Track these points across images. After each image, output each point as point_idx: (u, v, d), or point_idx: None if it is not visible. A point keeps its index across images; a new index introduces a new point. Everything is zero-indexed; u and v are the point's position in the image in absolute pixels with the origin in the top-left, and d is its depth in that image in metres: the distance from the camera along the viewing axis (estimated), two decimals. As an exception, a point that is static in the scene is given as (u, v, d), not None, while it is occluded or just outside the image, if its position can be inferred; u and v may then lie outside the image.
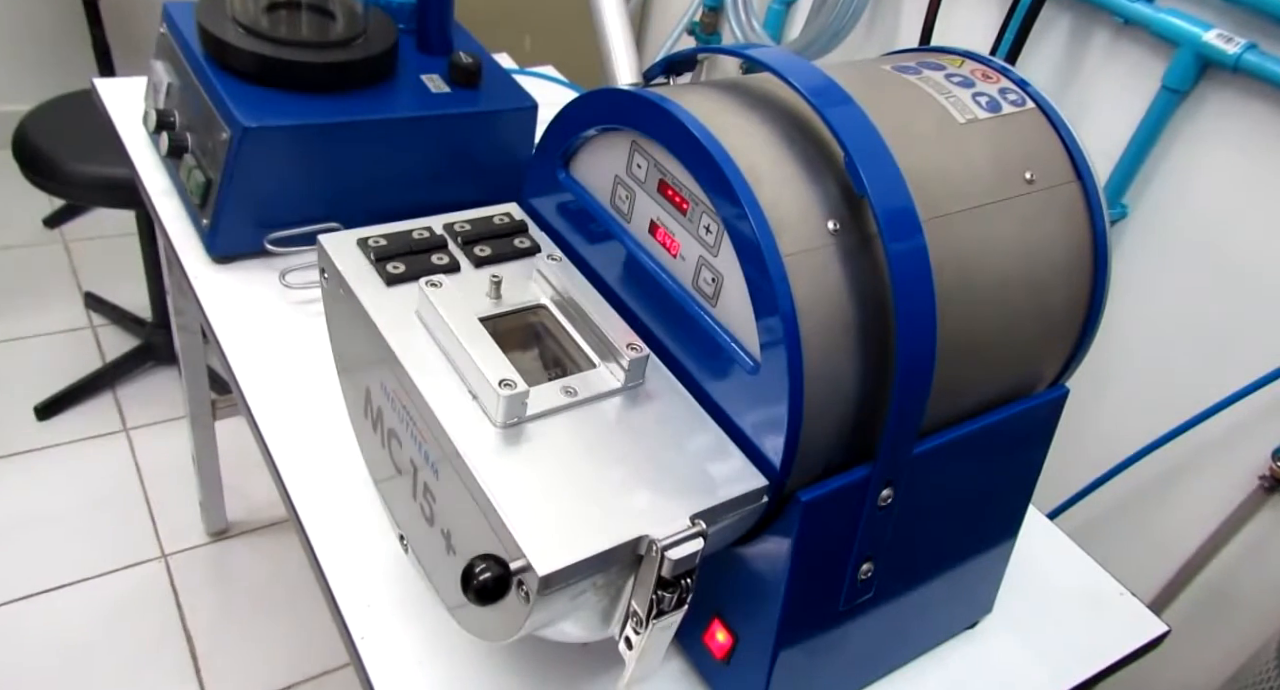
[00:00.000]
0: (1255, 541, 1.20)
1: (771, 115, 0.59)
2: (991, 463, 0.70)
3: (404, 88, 1.01)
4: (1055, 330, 0.67)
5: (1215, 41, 1.05)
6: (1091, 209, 0.66)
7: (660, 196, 0.62)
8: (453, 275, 0.67)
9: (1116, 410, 1.28)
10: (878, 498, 0.59)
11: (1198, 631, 1.25)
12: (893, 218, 0.54)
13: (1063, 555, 0.89)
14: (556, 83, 1.45)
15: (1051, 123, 0.67)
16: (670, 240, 0.62)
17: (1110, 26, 1.18)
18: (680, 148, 0.58)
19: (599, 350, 0.62)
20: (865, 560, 0.63)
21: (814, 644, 0.65)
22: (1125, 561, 1.00)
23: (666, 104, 0.58)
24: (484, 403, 0.57)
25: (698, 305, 0.61)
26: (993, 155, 0.64)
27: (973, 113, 0.65)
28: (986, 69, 0.69)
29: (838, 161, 0.57)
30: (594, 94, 0.65)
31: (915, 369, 0.54)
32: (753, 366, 0.57)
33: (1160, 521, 1.30)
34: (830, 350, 0.55)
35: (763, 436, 0.57)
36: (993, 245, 0.62)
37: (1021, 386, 0.68)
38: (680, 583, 0.54)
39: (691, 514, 0.54)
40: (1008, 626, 0.81)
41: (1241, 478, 1.18)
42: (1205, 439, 1.19)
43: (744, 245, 0.55)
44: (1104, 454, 1.26)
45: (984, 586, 0.79)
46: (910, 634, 0.75)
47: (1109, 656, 0.81)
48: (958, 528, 0.71)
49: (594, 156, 0.68)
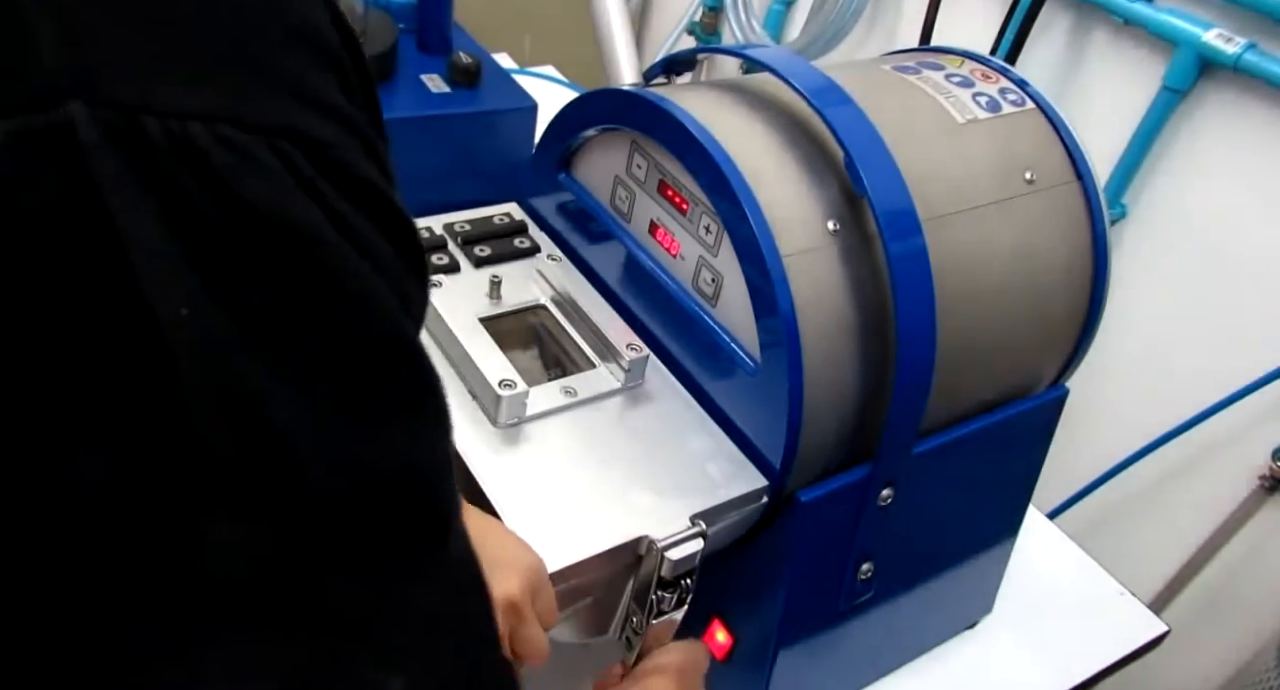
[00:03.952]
0: (1255, 541, 1.20)
1: (771, 115, 0.59)
2: (991, 463, 0.69)
3: (404, 88, 1.01)
4: (1055, 330, 0.67)
5: (1215, 41, 1.05)
6: (1091, 209, 0.66)
7: (660, 197, 0.62)
8: (453, 275, 0.67)
9: (1116, 410, 1.28)
10: (878, 498, 0.59)
11: (1198, 631, 1.25)
12: (893, 218, 0.54)
13: (1063, 555, 0.89)
14: (556, 83, 1.45)
15: (1051, 123, 0.67)
16: (670, 240, 0.62)
17: (1110, 26, 1.18)
18: (680, 148, 0.58)
19: (599, 350, 0.62)
20: (865, 560, 0.62)
21: (814, 644, 0.65)
22: (1125, 561, 1.00)
23: (666, 104, 0.58)
24: (484, 403, 0.57)
25: (698, 305, 0.61)
26: (992, 155, 0.64)
27: (972, 113, 0.65)
28: (986, 69, 0.69)
29: (838, 161, 0.57)
30: (594, 94, 0.65)
31: (915, 368, 0.54)
32: (752, 367, 0.57)
33: (1160, 521, 1.30)
34: (830, 350, 0.55)
35: (762, 436, 0.57)
36: (992, 245, 0.62)
37: (1021, 386, 0.68)
38: (680, 583, 0.54)
39: (691, 514, 0.54)
40: (1008, 626, 0.81)
41: (1241, 478, 1.18)
42: (1205, 439, 1.19)
43: (744, 245, 0.55)
44: (1104, 454, 1.26)
45: (984, 586, 0.79)
46: (910, 634, 0.75)
47: (1109, 656, 0.81)
48: (957, 528, 0.71)
49: (594, 156, 0.68)
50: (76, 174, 0.20)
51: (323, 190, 0.23)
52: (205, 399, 0.21)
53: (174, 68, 0.21)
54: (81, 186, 0.20)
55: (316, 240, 0.23)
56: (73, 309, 0.20)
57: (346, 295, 0.24)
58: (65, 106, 0.20)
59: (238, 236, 0.22)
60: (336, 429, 0.24)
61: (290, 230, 0.22)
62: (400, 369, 0.26)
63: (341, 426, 0.24)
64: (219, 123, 0.21)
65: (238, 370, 0.22)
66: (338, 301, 0.24)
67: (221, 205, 0.21)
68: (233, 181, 0.21)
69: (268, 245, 0.22)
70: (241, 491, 0.22)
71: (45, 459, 0.21)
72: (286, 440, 0.23)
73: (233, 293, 0.22)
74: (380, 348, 0.25)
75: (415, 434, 0.27)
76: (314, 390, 0.23)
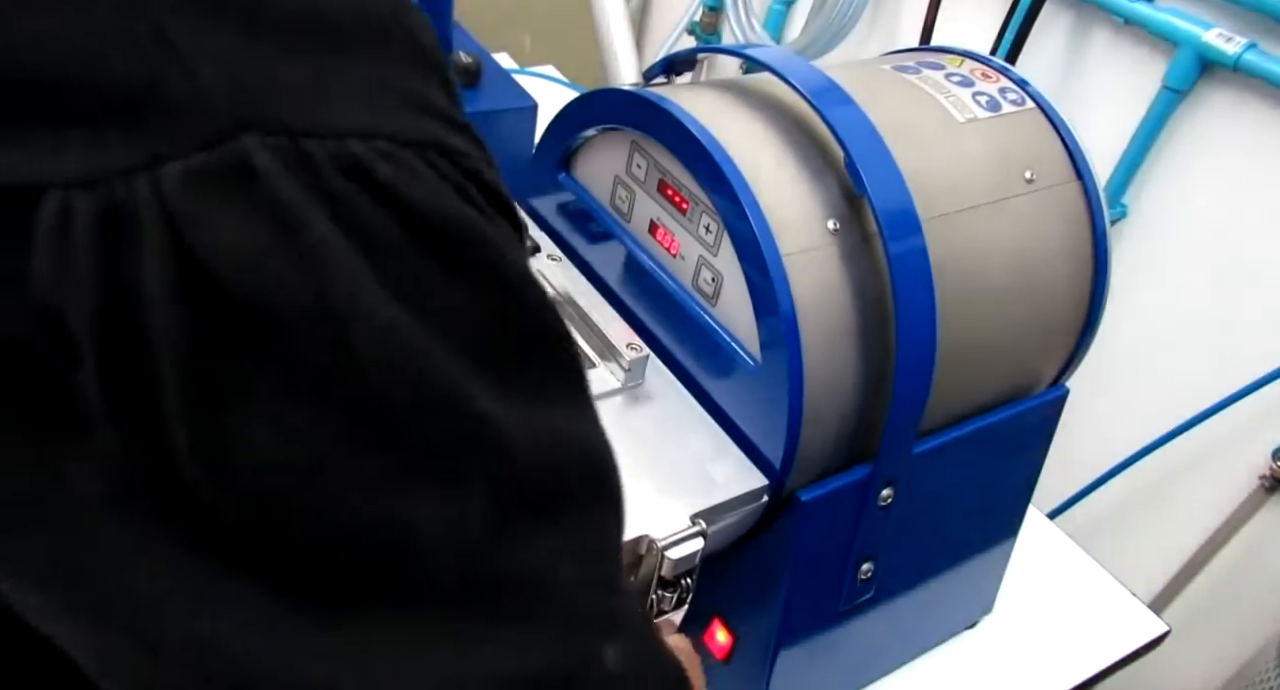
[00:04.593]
0: (1255, 541, 1.20)
1: (771, 115, 0.59)
2: (991, 463, 0.69)
3: (404, 88, 1.01)
4: (1055, 330, 0.67)
5: (1215, 41, 1.05)
6: (1091, 208, 0.66)
7: (660, 196, 0.62)
8: (453, 275, 0.66)
9: (1116, 410, 1.28)
10: (878, 498, 0.59)
11: (1198, 631, 1.25)
12: (893, 217, 0.54)
13: (1063, 555, 0.89)
14: (556, 83, 1.45)
15: (1051, 122, 0.67)
16: (670, 240, 0.62)
17: (1110, 26, 1.18)
18: (680, 148, 0.57)
19: (599, 350, 0.62)
20: (865, 560, 0.62)
21: (814, 644, 0.65)
22: (1125, 561, 1.00)
23: (666, 104, 0.58)
24: (484, 403, 0.57)
25: (698, 305, 0.61)
26: (992, 155, 0.64)
27: (972, 112, 0.65)
28: (986, 69, 0.69)
29: (838, 161, 0.57)
30: (594, 94, 0.65)
31: (915, 368, 0.54)
32: (753, 366, 0.57)
33: (1160, 521, 1.30)
34: (830, 350, 0.55)
35: (762, 436, 0.57)
36: (992, 245, 0.62)
37: (1021, 386, 0.68)
38: (680, 582, 0.54)
39: (691, 514, 0.54)
40: (1008, 626, 0.81)
41: (1241, 478, 1.18)
42: (1205, 439, 1.19)
43: (744, 245, 0.55)
44: (1104, 454, 1.26)
45: (984, 586, 0.79)
46: (910, 634, 0.75)
47: (1109, 656, 0.81)
48: (958, 528, 0.71)
49: (594, 156, 0.68)
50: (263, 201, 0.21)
51: (470, 194, 0.25)
52: (407, 396, 0.23)
53: (325, 94, 0.23)
54: (271, 212, 0.21)
55: (482, 239, 0.25)
56: (268, 325, 0.21)
57: (513, 286, 0.26)
58: (239, 141, 0.21)
59: (414, 242, 0.23)
60: (528, 409, 0.26)
61: (460, 231, 0.24)
62: (563, 349, 0.28)
63: (530, 406, 0.26)
64: (374, 139, 0.23)
65: (434, 366, 0.24)
66: (508, 292, 0.26)
67: (394, 214, 0.23)
68: (400, 191, 0.23)
69: (442, 247, 0.24)
70: (453, 475, 0.24)
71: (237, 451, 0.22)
72: (492, 423, 0.24)
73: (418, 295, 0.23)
74: (545, 331, 0.27)
75: (584, 408, 0.29)
76: (502, 375, 0.25)
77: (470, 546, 0.25)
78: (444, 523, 0.24)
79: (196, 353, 0.21)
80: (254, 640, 0.23)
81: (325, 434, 0.23)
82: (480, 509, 0.25)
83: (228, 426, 0.22)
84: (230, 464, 0.22)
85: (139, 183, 0.20)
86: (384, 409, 0.23)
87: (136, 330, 0.21)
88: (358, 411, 0.23)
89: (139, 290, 0.20)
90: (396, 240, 0.23)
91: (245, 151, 0.21)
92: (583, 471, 0.28)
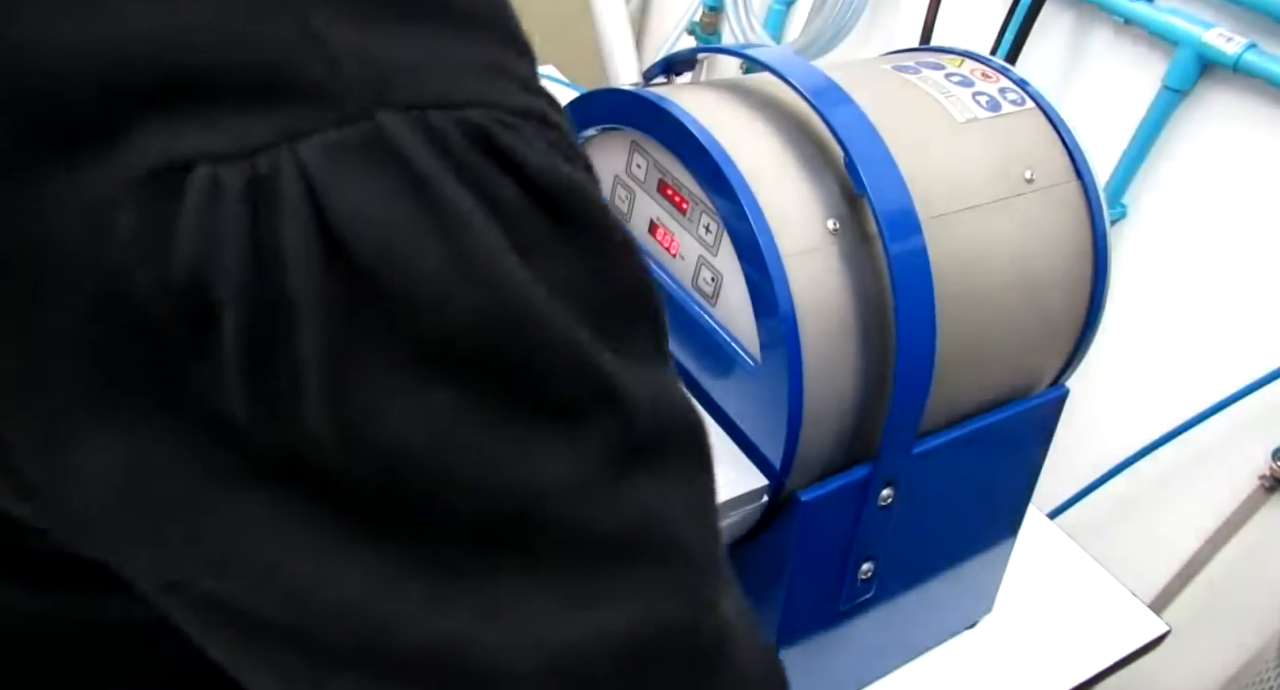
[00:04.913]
0: (1255, 541, 1.20)
1: (771, 115, 0.59)
2: (991, 462, 0.69)
3: (404, 88, 1.01)
4: (1055, 330, 0.67)
5: (1215, 41, 1.05)
6: (1091, 208, 0.66)
7: (660, 196, 0.62)
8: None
9: (1116, 410, 1.28)
10: (878, 497, 0.59)
11: (1198, 631, 1.25)
12: (892, 218, 0.54)
13: (1063, 555, 0.89)
14: (556, 82, 1.45)
15: (1051, 122, 0.67)
16: (670, 240, 0.62)
17: (1110, 26, 1.18)
18: (680, 147, 0.58)
19: (599, 350, 0.62)
20: (865, 560, 0.62)
21: (814, 644, 0.65)
22: (1125, 561, 1.00)
23: (666, 104, 0.58)
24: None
25: (697, 305, 0.61)
26: (992, 154, 0.64)
27: (972, 112, 0.65)
28: (986, 69, 0.69)
29: (838, 161, 0.57)
30: (594, 94, 0.65)
31: (915, 368, 0.54)
32: (752, 366, 0.57)
33: (1160, 521, 1.29)
34: (830, 350, 0.55)
35: (762, 436, 0.57)
36: (992, 245, 0.62)
37: (1021, 386, 0.68)
38: (680, 582, 0.54)
39: (691, 514, 0.54)
40: (1008, 626, 0.81)
41: (1241, 478, 1.18)
42: (1205, 439, 1.19)
43: (744, 245, 0.55)
44: (1104, 454, 1.25)
45: (984, 586, 0.79)
46: (910, 634, 0.75)
47: (1109, 656, 0.81)
48: (957, 527, 0.71)
49: (593, 156, 0.68)
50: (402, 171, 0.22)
51: (574, 160, 0.26)
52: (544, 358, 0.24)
53: (446, 70, 0.24)
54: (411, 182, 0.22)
55: (594, 202, 0.26)
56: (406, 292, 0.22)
57: (619, 248, 0.27)
58: (375, 117, 0.22)
59: (534, 206, 0.24)
60: (638, 370, 0.27)
61: (573, 195, 0.25)
62: (659, 313, 0.29)
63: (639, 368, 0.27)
64: (490, 108, 0.24)
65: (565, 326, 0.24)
66: (616, 254, 0.27)
67: (517, 179, 0.24)
68: (519, 156, 0.24)
69: (559, 210, 0.25)
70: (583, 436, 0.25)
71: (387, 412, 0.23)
72: (618, 383, 0.25)
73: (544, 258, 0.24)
74: (646, 294, 0.28)
75: (673, 372, 0.30)
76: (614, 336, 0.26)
77: (596, 504, 0.26)
78: (574, 482, 0.25)
79: (335, 315, 0.22)
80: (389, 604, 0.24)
81: (462, 399, 0.23)
82: (603, 467, 0.26)
83: (363, 389, 0.22)
84: (365, 429, 0.23)
85: (282, 156, 0.21)
86: (521, 372, 0.24)
87: (279, 291, 0.21)
88: (494, 376, 0.24)
89: (283, 255, 0.21)
90: (520, 205, 0.24)
91: (380, 124, 0.22)
92: (685, 434, 0.29)
